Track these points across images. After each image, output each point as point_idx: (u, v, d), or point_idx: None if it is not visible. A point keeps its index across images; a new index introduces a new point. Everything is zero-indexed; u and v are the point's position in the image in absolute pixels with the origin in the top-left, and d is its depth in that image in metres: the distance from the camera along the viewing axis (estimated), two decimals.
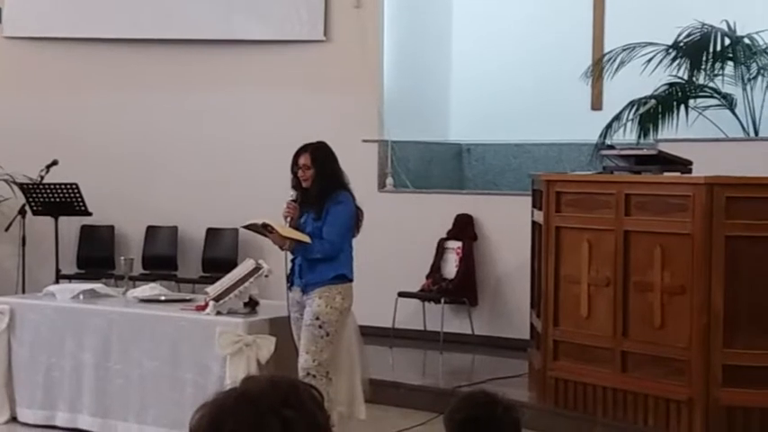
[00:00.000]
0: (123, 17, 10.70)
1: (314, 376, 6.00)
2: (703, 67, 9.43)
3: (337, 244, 6.12)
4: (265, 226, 6.13)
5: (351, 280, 6.22)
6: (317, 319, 6.08)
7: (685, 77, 9.52)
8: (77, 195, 9.65)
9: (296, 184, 6.23)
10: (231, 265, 8.07)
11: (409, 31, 10.75)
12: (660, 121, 9.37)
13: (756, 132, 9.35)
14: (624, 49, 9.68)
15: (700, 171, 6.72)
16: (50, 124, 10.84)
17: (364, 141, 10.03)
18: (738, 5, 9.58)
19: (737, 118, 9.41)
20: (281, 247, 6.18)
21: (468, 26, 11.22)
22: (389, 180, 10.16)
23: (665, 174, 6.84)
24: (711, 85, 9.53)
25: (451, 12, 11.33)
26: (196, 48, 10.67)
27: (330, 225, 6.11)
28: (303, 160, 6.16)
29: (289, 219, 6.15)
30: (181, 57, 10.72)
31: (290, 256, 6.31)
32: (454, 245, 9.54)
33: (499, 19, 11.04)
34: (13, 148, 10.61)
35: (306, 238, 6.07)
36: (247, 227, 6.38)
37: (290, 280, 6.28)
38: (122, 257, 7.85)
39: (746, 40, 9.46)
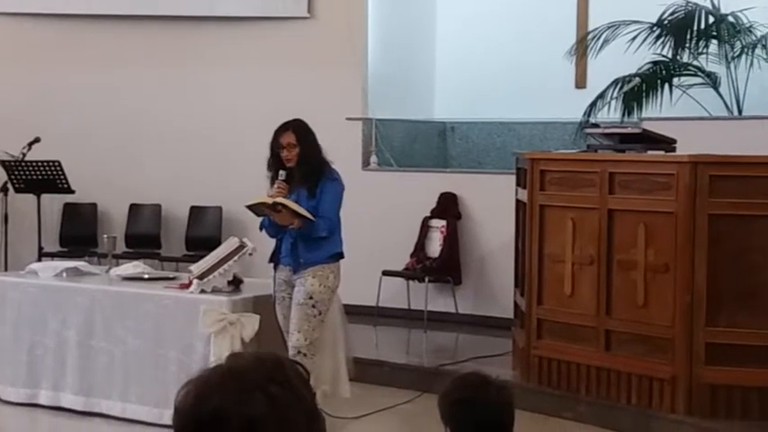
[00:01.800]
0: None
1: (304, 355, 5.99)
2: (687, 45, 9.44)
3: (335, 221, 6.11)
4: (275, 205, 6.00)
5: (343, 257, 6.21)
6: (311, 298, 6.05)
7: (669, 56, 9.52)
8: (60, 173, 9.61)
9: (275, 164, 6.14)
10: (215, 243, 8.05)
11: (394, 8, 10.71)
12: (644, 100, 9.37)
13: (740, 111, 9.36)
14: (608, 27, 9.67)
15: (683, 149, 6.73)
16: (32, 101, 10.78)
17: (348, 119, 10.01)
18: None
19: (721, 96, 9.42)
20: (289, 226, 6.06)
21: (452, 4, 11.19)
22: (373, 158, 10.14)
23: (649, 152, 6.84)
24: (695, 63, 9.54)
25: None
26: (179, 24, 10.61)
27: (326, 202, 6.06)
28: (288, 139, 6.08)
29: (280, 198, 6.08)
30: (163, 34, 10.66)
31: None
32: (438, 223, 9.54)
33: None
34: None
35: (311, 217, 6.01)
36: (251, 206, 6.18)
37: (275, 259, 6.25)
38: (105, 235, 7.82)
39: (731, 19, 9.46)
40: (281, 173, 6.07)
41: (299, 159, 6.07)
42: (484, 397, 3.09)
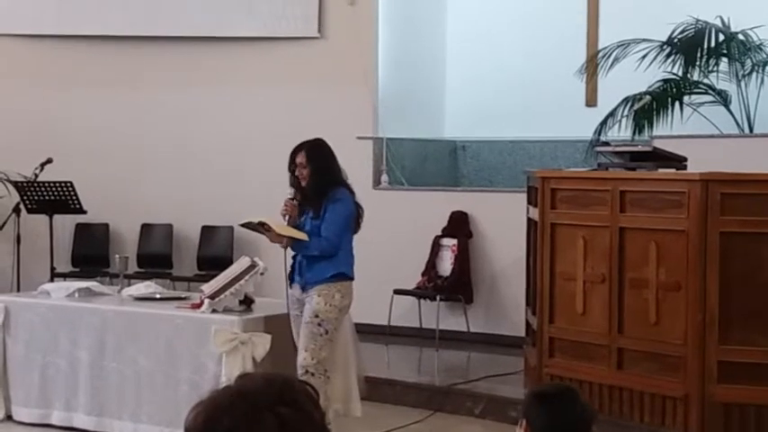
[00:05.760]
0: (116, 14, 10.69)
1: (312, 374, 5.99)
2: (698, 63, 9.43)
3: (335, 242, 6.12)
4: (262, 224, 6.13)
5: (351, 278, 6.21)
6: (317, 316, 6.07)
7: (680, 74, 9.52)
8: (72, 193, 9.64)
9: (294, 183, 6.21)
10: (226, 262, 8.07)
11: (404, 27, 10.74)
12: (655, 118, 9.37)
13: (751, 129, 9.35)
14: (619, 46, 9.68)
15: (694, 167, 6.73)
16: (45, 122, 10.83)
17: (359, 138, 10.02)
18: (732, 2, 9.58)
19: (732, 114, 9.41)
20: (280, 245, 6.17)
21: (462, 23, 11.21)
22: (384, 177, 10.15)
23: (660, 170, 6.84)
24: (706, 81, 9.53)
25: (446, 8, 11.33)
26: (190, 45, 10.66)
27: (328, 222, 6.10)
28: (299, 159, 6.15)
29: (287, 217, 6.13)
30: (175, 54, 10.71)
31: (290, 253, 6.31)
32: (449, 242, 9.54)
33: (494, 15, 11.03)
34: (8, 146, 10.60)
35: (303, 236, 6.05)
36: (244, 225, 6.36)
37: (291, 277, 6.29)
38: (117, 255, 7.84)
39: (741, 37, 9.46)
40: (289, 192, 6.17)
41: (308, 179, 6.12)
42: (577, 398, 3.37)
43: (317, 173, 6.12)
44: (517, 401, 7.24)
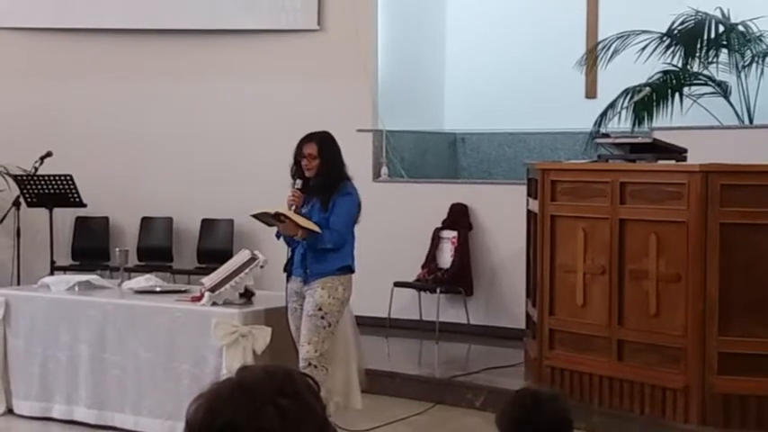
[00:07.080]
0: (115, 7, 10.68)
1: (315, 366, 5.99)
2: (698, 54, 9.43)
3: (344, 234, 6.12)
4: (278, 215, 6.07)
5: (353, 271, 6.21)
6: (320, 309, 6.06)
7: (680, 65, 9.52)
8: (72, 187, 9.64)
9: (297, 173, 6.19)
10: (226, 255, 8.06)
11: (404, 19, 10.73)
12: (655, 109, 9.37)
13: (751, 120, 9.35)
14: (618, 37, 9.67)
15: (694, 159, 6.72)
16: (44, 116, 10.82)
17: (359, 131, 10.01)
18: None
19: (732, 105, 9.40)
20: (294, 237, 6.11)
21: (462, 15, 11.20)
22: (384, 170, 10.15)
23: (660, 162, 6.83)
24: (706, 72, 9.53)
25: (446, 1, 11.32)
26: (189, 38, 10.65)
27: (337, 215, 6.09)
28: (309, 150, 6.12)
29: (293, 207, 6.11)
30: (174, 47, 10.70)
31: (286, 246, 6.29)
32: (449, 234, 9.54)
33: (493, 7, 11.02)
34: (7, 139, 10.59)
35: (317, 228, 6.03)
36: (257, 216, 6.25)
37: (288, 270, 6.26)
38: (117, 249, 7.84)
39: (741, 28, 9.45)
40: (297, 181, 6.13)
41: (317, 171, 6.10)
42: (538, 414, 3.14)
43: (327, 165, 6.10)
44: None
